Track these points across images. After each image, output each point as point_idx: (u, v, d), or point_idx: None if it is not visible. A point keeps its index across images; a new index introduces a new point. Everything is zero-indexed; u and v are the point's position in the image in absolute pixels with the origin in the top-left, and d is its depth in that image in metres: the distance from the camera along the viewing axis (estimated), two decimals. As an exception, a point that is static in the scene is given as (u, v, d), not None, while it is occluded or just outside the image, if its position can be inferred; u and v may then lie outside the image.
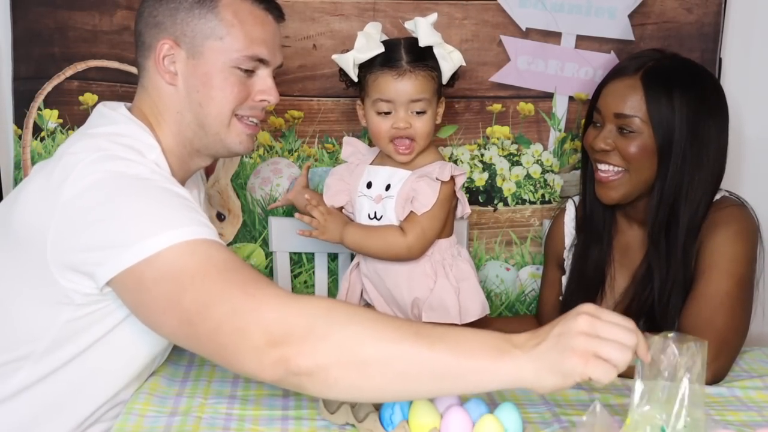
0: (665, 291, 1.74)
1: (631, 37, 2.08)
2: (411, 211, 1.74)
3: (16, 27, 2.01)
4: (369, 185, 1.81)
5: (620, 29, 2.08)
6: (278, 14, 1.56)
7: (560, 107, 2.12)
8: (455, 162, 2.13)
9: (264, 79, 1.52)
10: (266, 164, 2.12)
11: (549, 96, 2.12)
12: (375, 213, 1.79)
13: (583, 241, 1.91)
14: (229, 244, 2.14)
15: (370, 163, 1.85)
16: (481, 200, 2.14)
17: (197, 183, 1.73)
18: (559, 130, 2.13)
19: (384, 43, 1.76)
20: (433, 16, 1.77)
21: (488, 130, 2.13)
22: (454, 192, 1.78)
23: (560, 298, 1.96)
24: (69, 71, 2.03)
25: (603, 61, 2.08)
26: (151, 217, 1.30)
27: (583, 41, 2.09)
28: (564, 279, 1.95)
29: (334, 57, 1.78)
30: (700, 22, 2.09)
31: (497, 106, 2.11)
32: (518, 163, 2.14)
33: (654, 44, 2.05)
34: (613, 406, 1.51)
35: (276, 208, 2.06)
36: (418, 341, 1.18)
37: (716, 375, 1.63)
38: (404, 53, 1.74)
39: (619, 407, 1.50)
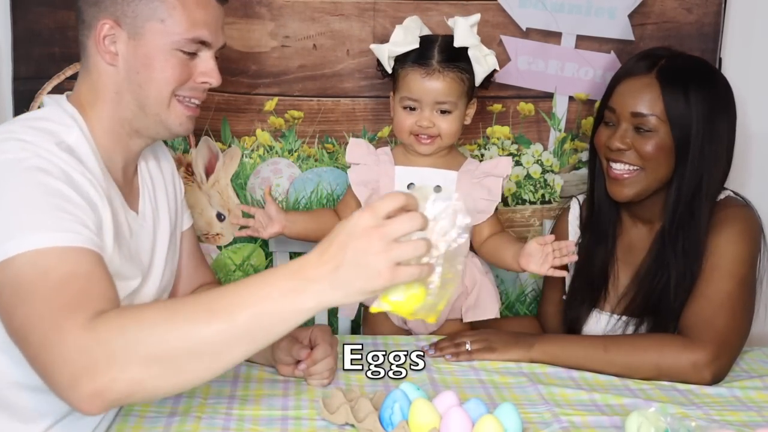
0: (681, 288, 1.74)
1: (631, 37, 2.08)
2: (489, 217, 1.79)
3: (16, 27, 2.01)
4: (411, 186, 1.80)
5: (620, 29, 2.08)
6: None
7: (560, 107, 2.12)
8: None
9: (206, 60, 1.50)
10: (266, 164, 2.12)
11: (549, 96, 2.12)
12: None
13: (588, 239, 1.91)
14: (229, 245, 2.14)
15: (397, 164, 1.84)
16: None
17: (158, 155, 1.68)
18: (559, 130, 2.13)
19: (422, 38, 1.76)
20: (476, 17, 1.78)
21: (488, 130, 2.13)
22: None
23: (563, 297, 1.95)
24: (69, 71, 2.03)
25: (603, 61, 2.08)
26: (15, 217, 1.27)
27: (583, 41, 2.09)
28: (568, 277, 1.95)
29: (372, 46, 1.80)
30: (700, 22, 2.09)
31: (497, 106, 2.11)
32: (518, 163, 2.14)
33: (654, 44, 2.05)
34: (613, 406, 1.51)
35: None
36: (215, 316, 1.15)
37: (716, 375, 1.63)
38: (437, 52, 1.74)
39: (619, 407, 1.50)
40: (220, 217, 2.13)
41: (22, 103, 2.03)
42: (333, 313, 1.90)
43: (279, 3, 2.03)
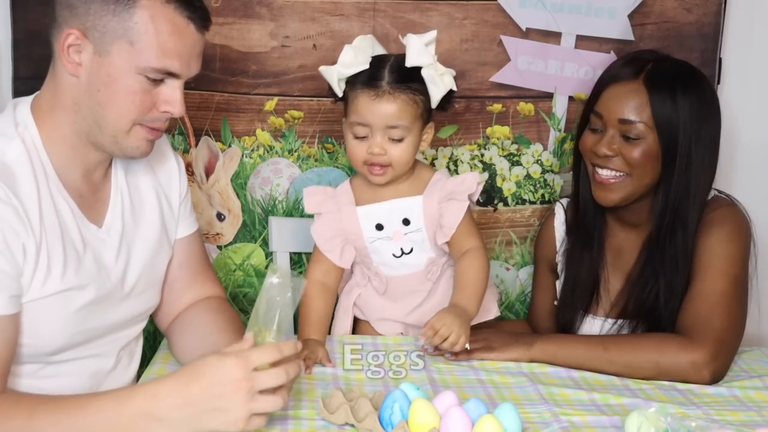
0: (673, 293, 1.74)
1: (631, 37, 2.08)
2: (455, 234, 1.70)
3: (16, 27, 2.01)
4: (379, 227, 1.74)
5: (620, 29, 2.08)
6: (202, 24, 1.42)
7: (560, 107, 2.12)
8: (455, 163, 2.13)
9: (172, 90, 1.42)
10: (266, 164, 2.12)
11: (549, 96, 2.12)
12: (402, 249, 1.74)
13: (573, 243, 1.90)
14: (229, 244, 2.14)
15: (359, 205, 1.74)
16: (481, 200, 2.14)
17: (153, 164, 1.61)
18: (559, 130, 2.13)
19: (373, 59, 1.66)
20: (431, 34, 1.67)
21: (488, 130, 2.13)
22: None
23: (554, 302, 1.95)
24: (69, 71, 2.02)
25: (603, 61, 2.08)
26: None
27: (583, 41, 2.09)
28: (558, 283, 1.94)
29: (321, 69, 1.69)
30: (700, 22, 2.09)
31: (497, 106, 2.11)
32: (518, 163, 2.14)
33: (654, 44, 2.05)
34: (613, 406, 1.51)
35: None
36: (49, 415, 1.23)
37: (715, 375, 1.63)
38: (387, 72, 1.63)
39: (619, 407, 1.51)
40: (220, 217, 2.13)
41: (22, 103, 2.04)
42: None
43: (279, 3, 2.03)
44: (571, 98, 2.12)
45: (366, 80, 1.64)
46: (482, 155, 2.13)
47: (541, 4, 2.06)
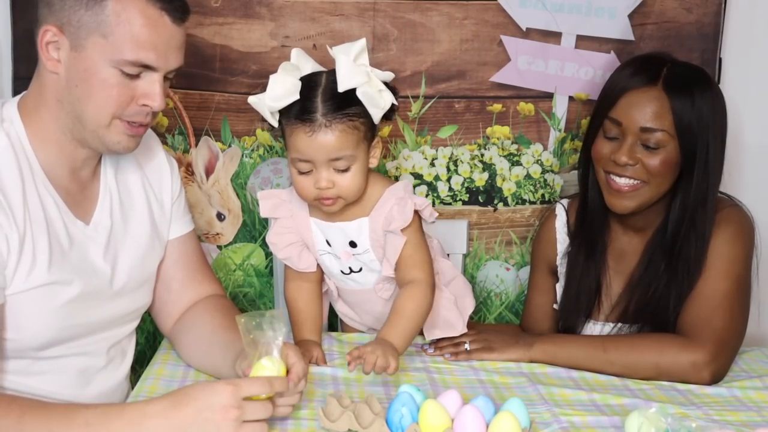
0: (681, 298, 1.73)
1: (631, 37, 2.08)
2: (399, 265, 1.62)
3: (16, 27, 2.01)
4: (329, 243, 1.67)
5: (620, 29, 2.08)
6: (178, 15, 1.40)
7: (560, 107, 2.12)
8: (455, 163, 2.13)
9: (150, 83, 1.40)
10: (266, 164, 2.12)
11: (549, 96, 2.12)
12: (350, 268, 1.69)
13: (578, 248, 1.88)
14: (229, 244, 2.14)
15: (311, 215, 1.67)
16: (481, 200, 2.14)
17: (141, 162, 1.61)
18: (559, 130, 2.13)
19: (303, 85, 1.54)
20: (359, 44, 1.55)
21: (488, 130, 2.13)
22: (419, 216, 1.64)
23: (554, 305, 1.94)
24: (69, 71, 2.03)
25: (603, 61, 2.08)
26: None
27: (583, 41, 2.09)
28: (558, 287, 1.93)
29: (250, 100, 1.57)
30: (700, 22, 2.09)
31: (497, 106, 2.11)
32: (518, 163, 2.14)
33: (654, 44, 2.05)
34: (613, 406, 1.51)
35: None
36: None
37: (716, 375, 1.63)
38: (320, 103, 1.51)
39: (619, 407, 1.50)
40: (220, 217, 2.13)
41: (22, 103, 2.04)
42: (333, 313, 1.90)
43: (279, 3, 2.03)
44: (571, 98, 2.12)
45: (299, 113, 1.53)
46: (482, 155, 2.13)
47: (541, 4, 2.06)
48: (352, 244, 1.66)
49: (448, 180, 2.13)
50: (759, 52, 2.16)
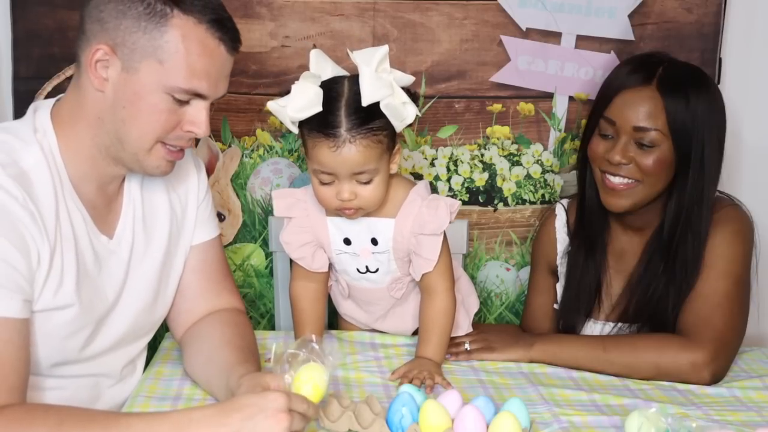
0: (680, 298, 1.73)
1: (631, 37, 2.08)
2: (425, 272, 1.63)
3: (16, 27, 2.01)
4: (347, 241, 1.67)
5: (620, 29, 2.08)
6: (232, 46, 1.41)
7: (560, 107, 2.12)
8: (455, 163, 2.13)
9: (198, 111, 1.39)
10: (266, 164, 2.12)
11: (549, 96, 2.12)
12: (367, 267, 1.68)
13: (577, 248, 1.88)
14: (229, 244, 2.14)
15: (328, 215, 1.66)
16: (481, 200, 2.14)
17: (181, 173, 1.59)
18: (559, 130, 2.13)
19: (325, 92, 1.51)
20: (382, 51, 1.52)
21: (488, 130, 2.13)
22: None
23: (554, 306, 1.94)
24: (69, 71, 2.02)
25: (603, 61, 2.08)
26: None
27: (583, 41, 2.09)
28: (559, 287, 1.93)
29: (270, 105, 1.56)
30: (700, 22, 2.09)
31: (497, 106, 2.11)
32: (518, 163, 2.14)
33: (654, 44, 2.05)
34: (613, 406, 1.51)
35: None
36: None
37: (716, 375, 1.63)
38: (344, 117, 1.50)
39: (619, 407, 1.50)
40: (220, 217, 2.13)
41: (22, 103, 2.03)
42: (333, 312, 1.90)
43: (279, 3, 2.03)
44: (571, 98, 2.12)
45: (322, 126, 1.51)
46: (482, 155, 2.13)
47: (541, 4, 2.06)
48: (374, 242, 1.65)
49: (448, 180, 2.13)
50: (759, 52, 2.16)
